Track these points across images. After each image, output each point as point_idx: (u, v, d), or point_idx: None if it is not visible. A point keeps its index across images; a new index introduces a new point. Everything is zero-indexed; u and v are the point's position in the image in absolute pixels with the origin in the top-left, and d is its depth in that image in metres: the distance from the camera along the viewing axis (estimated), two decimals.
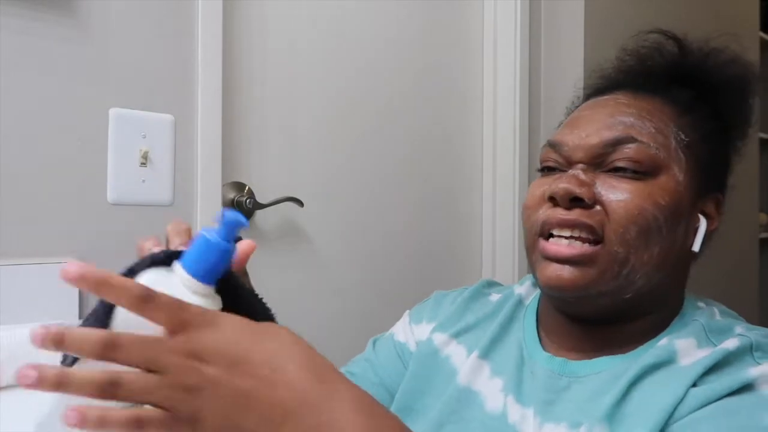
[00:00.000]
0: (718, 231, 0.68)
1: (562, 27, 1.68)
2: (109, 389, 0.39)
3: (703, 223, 0.65)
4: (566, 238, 0.62)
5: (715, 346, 0.59)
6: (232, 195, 1.23)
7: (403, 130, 1.50)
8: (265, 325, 0.45)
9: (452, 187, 1.61)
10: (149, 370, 0.41)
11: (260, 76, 1.27)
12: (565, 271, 0.62)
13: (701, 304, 0.67)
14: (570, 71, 1.63)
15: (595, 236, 0.61)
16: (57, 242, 1.00)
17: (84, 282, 0.39)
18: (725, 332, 0.61)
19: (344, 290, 1.41)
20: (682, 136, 0.64)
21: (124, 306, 0.41)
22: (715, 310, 0.66)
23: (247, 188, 1.25)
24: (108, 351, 0.39)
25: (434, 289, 0.87)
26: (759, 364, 0.56)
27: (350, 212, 1.42)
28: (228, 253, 0.46)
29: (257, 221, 1.29)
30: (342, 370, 0.81)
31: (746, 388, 0.54)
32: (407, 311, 0.85)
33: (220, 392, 0.41)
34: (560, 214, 0.63)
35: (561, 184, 0.62)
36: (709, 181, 0.67)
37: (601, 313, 0.65)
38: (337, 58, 1.39)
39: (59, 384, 0.38)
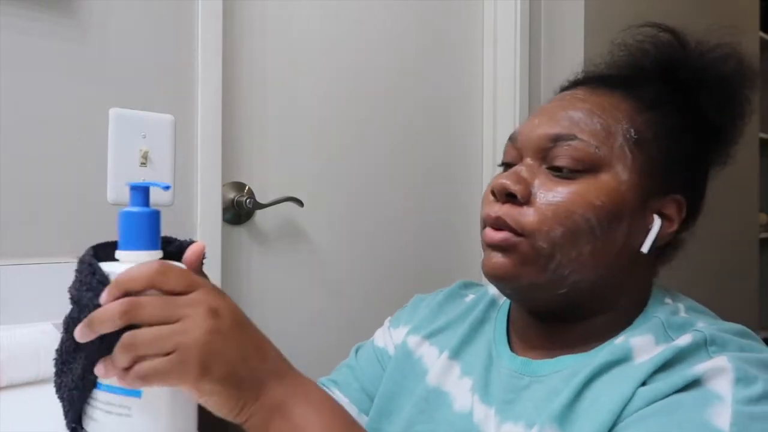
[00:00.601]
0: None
1: (562, 27, 1.68)
2: (129, 348, 0.44)
3: (656, 224, 0.62)
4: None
5: (673, 342, 0.58)
6: (232, 195, 1.23)
7: (403, 132, 1.50)
8: None
9: (453, 189, 1.61)
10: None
11: (260, 76, 1.27)
12: (497, 258, 0.63)
13: (668, 300, 0.65)
14: (570, 71, 1.62)
15: (516, 234, 0.62)
16: (57, 242, 1.00)
17: (120, 291, 0.45)
18: (685, 328, 0.59)
19: (344, 290, 1.41)
20: (632, 133, 0.62)
21: (147, 287, 0.45)
22: (681, 306, 0.64)
23: (247, 188, 1.25)
24: (131, 313, 0.44)
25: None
26: (712, 358, 0.54)
27: (350, 212, 1.42)
28: (152, 215, 0.49)
29: (257, 221, 1.29)
30: (325, 378, 0.81)
31: (693, 384, 0.53)
32: (388, 318, 0.85)
33: (236, 337, 0.47)
34: (494, 210, 0.63)
35: (500, 179, 0.63)
36: (665, 181, 0.64)
37: (548, 308, 0.65)
38: (336, 58, 1.39)
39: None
